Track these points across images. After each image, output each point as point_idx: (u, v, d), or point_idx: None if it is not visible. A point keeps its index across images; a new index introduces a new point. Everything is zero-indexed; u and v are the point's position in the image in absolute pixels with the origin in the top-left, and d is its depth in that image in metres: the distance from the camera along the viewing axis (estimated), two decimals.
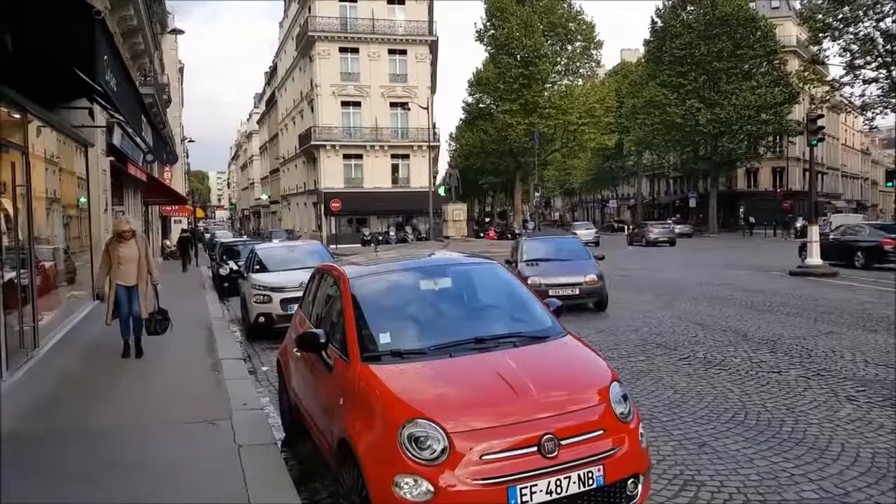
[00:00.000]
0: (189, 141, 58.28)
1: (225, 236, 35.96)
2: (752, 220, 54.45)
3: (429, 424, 3.42)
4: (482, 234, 51.46)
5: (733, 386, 7.15)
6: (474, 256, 5.88)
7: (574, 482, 3.44)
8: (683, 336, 10.07)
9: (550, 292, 11.41)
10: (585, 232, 43.06)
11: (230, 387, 7.27)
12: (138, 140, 15.82)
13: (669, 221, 51.13)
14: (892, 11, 32.71)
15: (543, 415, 3.56)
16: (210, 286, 19.59)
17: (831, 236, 24.44)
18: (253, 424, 5.96)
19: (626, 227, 59.54)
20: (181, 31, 32.85)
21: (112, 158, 15.95)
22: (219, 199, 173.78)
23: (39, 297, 9.04)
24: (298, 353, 5.06)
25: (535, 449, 3.42)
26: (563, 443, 3.48)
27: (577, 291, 12.47)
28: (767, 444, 5.41)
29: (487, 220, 70.55)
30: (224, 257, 19.26)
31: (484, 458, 3.36)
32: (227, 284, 17.44)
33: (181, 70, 53.05)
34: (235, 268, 16.62)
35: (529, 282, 11.39)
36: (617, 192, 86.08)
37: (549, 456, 3.42)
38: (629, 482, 3.66)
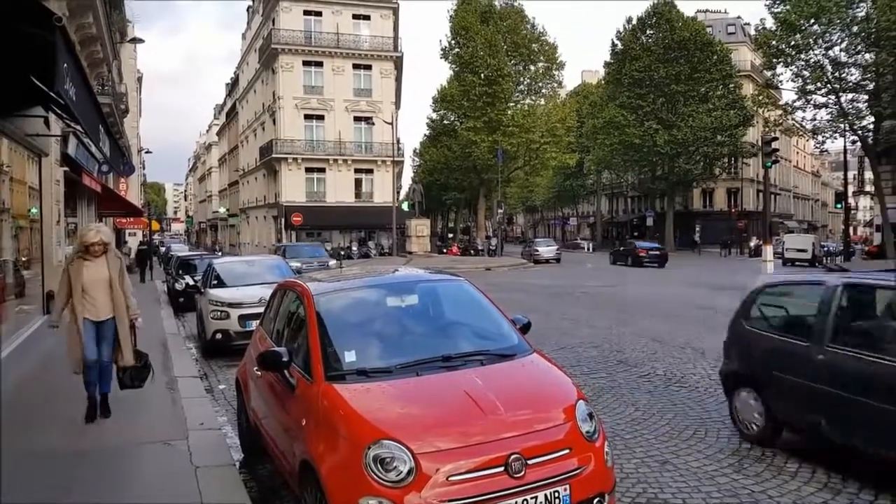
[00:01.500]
0: (146, 152, 57.20)
1: (181, 250, 35.29)
2: (696, 238, 55.72)
3: (395, 445, 3.36)
4: (445, 250, 51.55)
5: (693, 403, 7.24)
6: (440, 273, 5.84)
7: (541, 502, 3.42)
8: (643, 353, 10.18)
9: None
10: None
11: (186, 406, 7.08)
12: (94, 150, 15.44)
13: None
14: (839, 41, 34.05)
15: (510, 434, 3.53)
16: (165, 301, 19.17)
17: (622, 248, 41.36)
18: (210, 445, 5.80)
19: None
20: (141, 41, 32.21)
21: (66, 168, 15.50)
22: (175, 212, 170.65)
23: None
24: (259, 372, 4.94)
25: (502, 469, 3.39)
26: (529, 462, 3.46)
27: None
28: (728, 461, 5.48)
29: (451, 235, 70.68)
30: (180, 271, 18.87)
31: (451, 479, 3.32)
32: (182, 299, 17.08)
33: (139, 80, 52.19)
34: (192, 282, 16.28)
35: None
36: (577, 210, 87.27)
37: (515, 476, 3.40)
38: (595, 501, 3.64)
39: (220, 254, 43.75)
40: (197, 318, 12.56)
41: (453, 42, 52.77)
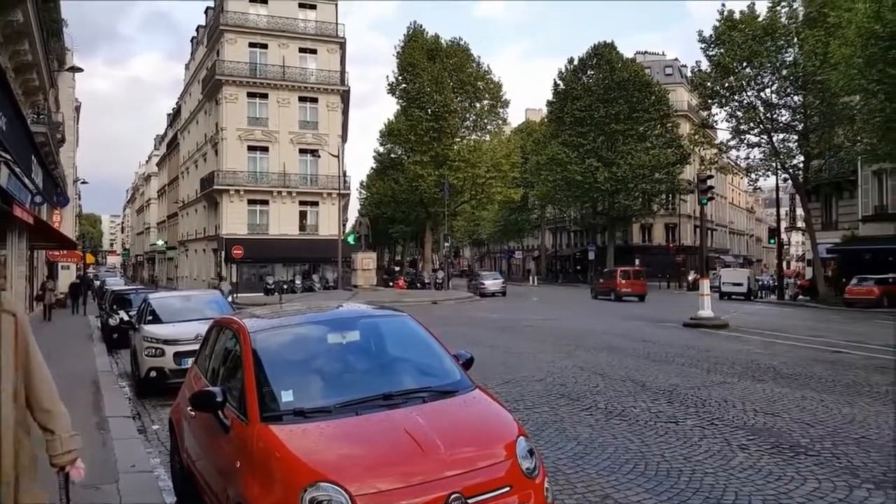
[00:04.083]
0: (82, 182, 55.56)
1: (116, 283, 34.16)
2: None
3: (332, 487, 3.28)
4: (391, 284, 51.32)
5: (633, 436, 7.30)
6: (384, 308, 5.79)
7: None
8: (585, 386, 10.26)
9: None
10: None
11: (117, 447, 6.80)
12: (27, 181, 14.89)
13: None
14: (770, 83, 35.80)
15: (451, 473, 3.50)
16: (98, 337, 18.49)
17: (472, 281, 49.25)
18: (142, 488, 5.57)
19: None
20: (80, 69, 31.32)
21: None
22: (111, 244, 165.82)
23: None
24: (193, 412, 4.77)
25: None
26: (469, 501, 3.43)
27: None
28: (667, 494, 5.52)
29: (397, 268, 70.51)
30: (114, 306, 18.25)
31: None
32: (116, 336, 16.50)
33: (77, 108, 50.88)
34: (126, 318, 15.74)
35: None
36: (523, 244, 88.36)
37: None
38: None
39: (225, 286, 36.63)
40: (131, 356, 12.15)
41: (400, 78, 53.42)
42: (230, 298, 24.91)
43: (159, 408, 9.46)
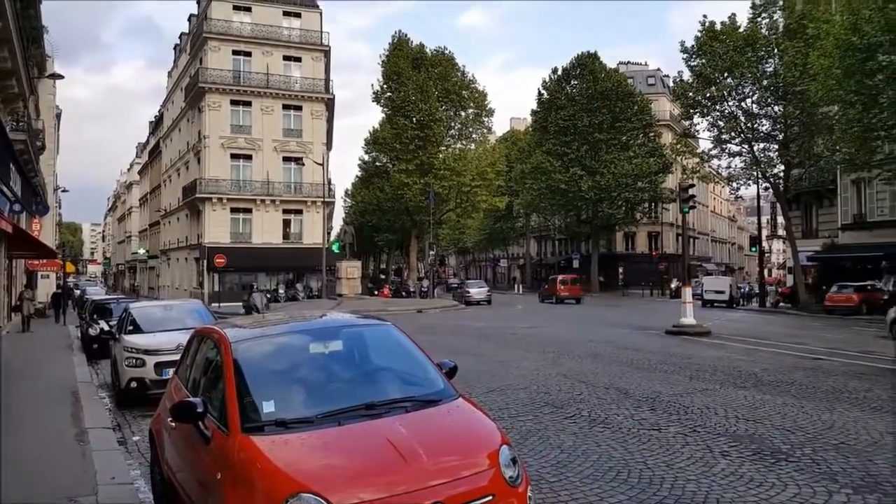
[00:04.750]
0: (63, 191, 54.96)
1: (97, 293, 33.83)
2: (601, 279, 57.90)
3: (313, 498, 3.27)
4: (376, 292, 51.18)
5: (616, 444, 7.32)
6: (368, 317, 5.77)
7: None
8: (569, 394, 10.28)
9: None
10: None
11: (97, 459, 6.70)
12: (5, 189, 14.73)
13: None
14: (751, 93, 36.19)
15: (433, 482, 3.50)
16: (78, 347, 18.27)
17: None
18: (121, 500, 5.51)
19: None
20: (60, 76, 31.06)
21: None
22: (92, 253, 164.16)
23: None
24: (173, 423, 4.73)
25: None
26: None
27: None
28: (649, 501, 5.54)
29: (382, 277, 70.32)
30: (94, 316, 18.05)
31: None
32: (96, 346, 16.33)
33: (58, 116, 50.38)
34: (106, 328, 15.57)
35: None
36: (508, 252, 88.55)
37: None
38: None
39: (258, 298, 28.43)
40: (111, 366, 12.00)
41: (385, 86, 53.55)
42: (265, 313, 24.15)
43: (140, 419, 9.35)
